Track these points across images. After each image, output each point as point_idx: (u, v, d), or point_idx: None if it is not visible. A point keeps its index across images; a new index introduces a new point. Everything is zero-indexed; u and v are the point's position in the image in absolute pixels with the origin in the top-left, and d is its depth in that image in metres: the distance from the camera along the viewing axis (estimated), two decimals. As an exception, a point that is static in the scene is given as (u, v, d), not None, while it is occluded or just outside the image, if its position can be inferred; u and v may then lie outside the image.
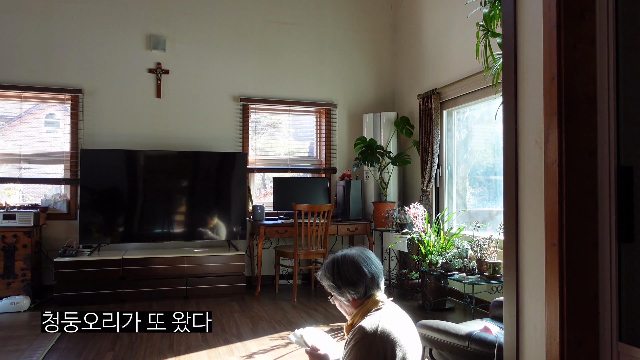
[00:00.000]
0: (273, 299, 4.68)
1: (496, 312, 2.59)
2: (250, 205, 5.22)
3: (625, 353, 1.39)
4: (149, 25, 5.03)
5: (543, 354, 1.50)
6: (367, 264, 1.73)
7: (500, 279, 3.55)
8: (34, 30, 4.71)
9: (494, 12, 2.57)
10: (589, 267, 1.44)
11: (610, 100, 1.45)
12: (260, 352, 3.19)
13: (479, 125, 4.71)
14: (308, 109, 5.66)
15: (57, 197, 4.83)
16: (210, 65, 5.23)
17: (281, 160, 5.59)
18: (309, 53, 5.57)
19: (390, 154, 5.19)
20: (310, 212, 4.53)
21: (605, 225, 1.45)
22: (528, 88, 1.61)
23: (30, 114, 4.87)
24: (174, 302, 4.46)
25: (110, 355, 3.09)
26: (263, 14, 5.42)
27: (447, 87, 4.67)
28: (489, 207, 4.46)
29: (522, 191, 1.63)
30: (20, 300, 4.07)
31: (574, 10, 1.45)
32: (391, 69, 5.89)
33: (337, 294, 1.76)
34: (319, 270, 1.82)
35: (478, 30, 2.71)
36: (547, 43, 1.50)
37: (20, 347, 3.18)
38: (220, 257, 4.71)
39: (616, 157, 1.44)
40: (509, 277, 1.67)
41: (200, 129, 5.17)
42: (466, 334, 2.20)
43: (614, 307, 1.42)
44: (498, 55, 2.70)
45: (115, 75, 4.93)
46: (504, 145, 1.71)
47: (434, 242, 4.26)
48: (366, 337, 1.58)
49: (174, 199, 4.87)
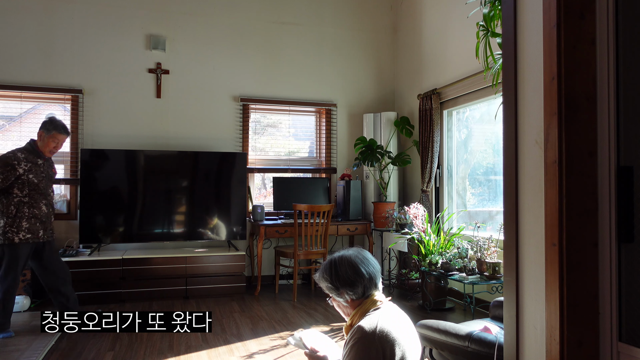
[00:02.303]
0: (273, 299, 4.68)
1: (496, 312, 2.59)
2: (250, 205, 5.22)
3: (625, 353, 1.39)
4: (149, 25, 5.03)
5: (543, 354, 1.50)
6: (365, 265, 1.74)
7: (500, 279, 3.55)
8: (34, 30, 4.71)
9: (494, 12, 2.57)
10: (589, 267, 1.44)
11: (610, 100, 1.45)
12: (260, 352, 3.19)
13: (479, 125, 4.71)
14: (308, 109, 5.66)
15: (57, 197, 4.83)
16: (210, 65, 5.23)
17: (281, 160, 5.59)
18: (309, 53, 5.57)
19: (390, 154, 5.19)
20: (310, 212, 4.53)
21: (605, 225, 1.45)
22: (528, 88, 1.61)
23: (30, 114, 4.87)
24: (174, 302, 4.46)
25: (110, 355, 3.09)
26: (263, 14, 5.42)
27: (447, 87, 4.67)
28: (489, 207, 4.46)
29: (522, 191, 1.63)
30: (20, 300, 4.07)
31: (574, 10, 1.45)
32: (391, 69, 5.89)
33: (336, 295, 1.77)
34: (316, 273, 1.83)
35: (478, 30, 2.71)
36: (547, 43, 1.50)
37: (20, 347, 3.18)
38: (220, 257, 4.71)
39: (616, 157, 1.43)
40: (509, 277, 1.67)
41: (200, 129, 5.17)
42: (466, 334, 2.20)
43: (614, 307, 1.42)
44: (498, 55, 2.70)
45: (115, 75, 4.93)
46: (504, 145, 1.71)
47: (434, 242, 4.26)
48: (365, 337, 1.58)
49: (174, 199, 4.87)
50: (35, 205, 3.42)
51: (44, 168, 3.51)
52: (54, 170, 3.68)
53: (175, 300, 4.52)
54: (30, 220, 3.39)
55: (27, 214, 3.38)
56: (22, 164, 3.37)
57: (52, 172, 3.66)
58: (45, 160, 3.55)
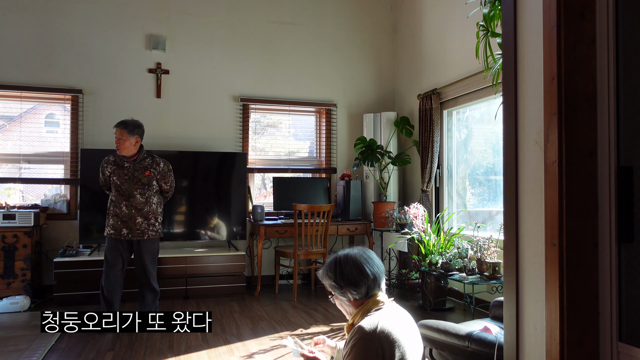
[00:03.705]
0: (273, 299, 4.68)
1: (496, 312, 2.59)
2: (250, 205, 5.22)
3: (625, 353, 1.39)
4: (149, 25, 5.03)
5: (543, 354, 1.50)
6: (370, 264, 1.74)
7: (500, 279, 3.55)
8: (34, 30, 4.71)
9: (494, 12, 2.57)
10: (589, 267, 1.44)
11: (610, 100, 1.45)
12: (260, 352, 3.19)
13: (479, 125, 4.71)
14: (308, 109, 5.66)
15: (57, 197, 4.83)
16: (210, 65, 5.23)
17: (281, 160, 5.59)
18: (309, 53, 5.57)
19: (390, 154, 5.19)
20: (310, 212, 4.53)
21: (605, 225, 1.45)
22: (528, 88, 1.61)
23: (30, 114, 4.87)
24: (174, 302, 4.46)
25: (110, 355, 3.09)
26: (263, 13, 5.42)
27: (447, 87, 4.67)
28: (489, 207, 4.46)
29: (522, 191, 1.63)
30: (20, 300, 4.07)
31: (574, 10, 1.45)
32: (391, 69, 5.89)
33: (339, 293, 1.76)
34: (320, 270, 1.83)
35: (478, 30, 2.71)
36: (547, 43, 1.50)
37: (20, 347, 3.18)
38: (220, 257, 4.71)
39: (616, 157, 1.43)
40: (509, 277, 1.67)
41: (200, 129, 5.17)
42: (466, 334, 2.20)
43: (614, 307, 1.42)
44: (498, 55, 2.70)
45: (115, 75, 4.93)
46: (504, 145, 1.71)
47: (434, 242, 4.26)
48: (365, 337, 1.58)
49: (174, 199, 4.86)
50: (117, 205, 3.68)
51: (128, 171, 3.68)
52: (146, 173, 3.71)
53: (175, 300, 4.52)
54: (113, 217, 3.68)
55: (111, 212, 3.70)
56: (108, 167, 3.72)
57: (142, 174, 3.70)
58: (132, 163, 3.70)
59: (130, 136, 3.63)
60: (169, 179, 3.83)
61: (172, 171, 3.87)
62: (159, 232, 3.79)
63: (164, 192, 3.87)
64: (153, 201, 3.74)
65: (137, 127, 3.69)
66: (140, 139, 3.72)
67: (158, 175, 3.76)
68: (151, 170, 3.73)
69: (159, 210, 3.79)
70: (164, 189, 3.84)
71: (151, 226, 3.71)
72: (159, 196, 3.82)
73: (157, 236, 3.77)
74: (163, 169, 3.78)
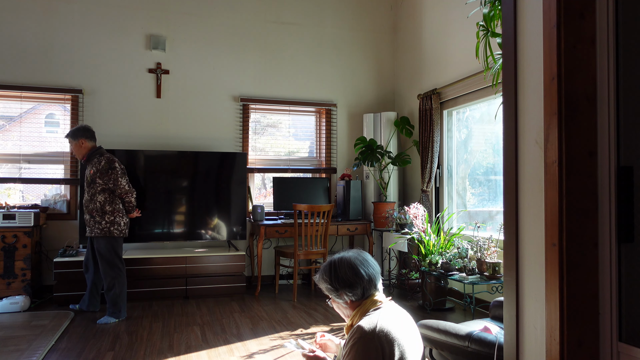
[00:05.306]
0: (273, 299, 4.68)
1: (496, 312, 2.59)
2: (250, 205, 5.22)
3: (625, 353, 1.39)
4: (149, 25, 5.03)
5: (543, 354, 1.50)
6: (364, 266, 1.74)
7: (500, 279, 3.55)
8: (34, 30, 4.71)
9: (494, 12, 2.57)
10: (589, 267, 1.44)
11: (610, 100, 1.45)
12: (260, 352, 3.19)
13: (479, 125, 4.71)
14: (308, 109, 5.66)
15: (57, 197, 4.83)
16: (210, 65, 5.23)
17: (281, 160, 5.59)
18: (309, 53, 5.57)
19: (390, 154, 5.19)
20: (310, 212, 4.53)
21: (605, 225, 1.45)
22: (528, 88, 1.61)
23: (30, 114, 4.87)
24: (174, 302, 4.46)
25: (110, 355, 3.09)
26: (263, 14, 5.42)
27: (447, 87, 4.68)
28: (489, 207, 4.46)
29: (522, 191, 1.63)
30: (20, 300, 4.07)
31: (574, 10, 1.45)
32: (391, 69, 5.89)
33: (335, 296, 1.77)
34: (316, 274, 1.83)
35: (478, 30, 2.71)
36: (547, 43, 1.50)
37: (20, 347, 3.18)
38: (220, 257, 4.71)
39: (616, 157, 1.43)
40: (509, 277, 1.67)
41: (200, 129, 5.17)
42: (466, 334, 2.20)
43: (614, 307, 1.42)
44: (498, 55, 2.70)
45: (115, 75, 4.93)
46: (504, 145, 1.71)
47: (434, 242, 4.26)
48: (365, 337, 1.58)
49: (174, 199, 4.87)
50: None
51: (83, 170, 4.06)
52: (90, 171, 3.88)
53: (175, 300, 4.52)
54: None
55: None
56: None
57: (87, 173, 3.92)
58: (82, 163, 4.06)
59: (74, 140, 3.86)
60: (111, 177, 3.80)
61: (116, 170, 3.83)
62: (105, 230, 3.77)
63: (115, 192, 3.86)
64: (98, 199, 3.80)
65: (80, 130, 3.87)
66: (88, 139, 3.87)
67: (98, 173, 3.79)
68: (93, 168, 3.83)
69: (106, 208, 3.79)
70: (111, 188, 3.83)
71: (97, 224, 3.77)
72: (108, 195, 3.82)
73: (103, 234, 3.77)
74: (103, 166, 3.80)
